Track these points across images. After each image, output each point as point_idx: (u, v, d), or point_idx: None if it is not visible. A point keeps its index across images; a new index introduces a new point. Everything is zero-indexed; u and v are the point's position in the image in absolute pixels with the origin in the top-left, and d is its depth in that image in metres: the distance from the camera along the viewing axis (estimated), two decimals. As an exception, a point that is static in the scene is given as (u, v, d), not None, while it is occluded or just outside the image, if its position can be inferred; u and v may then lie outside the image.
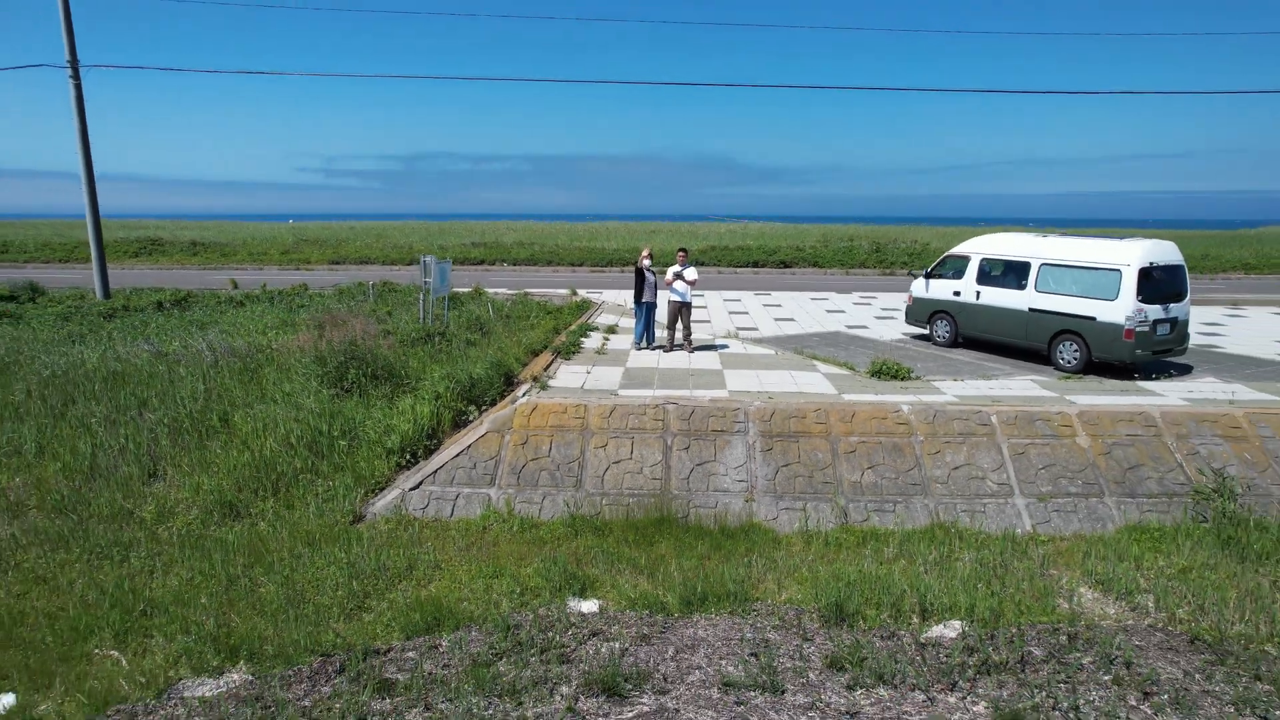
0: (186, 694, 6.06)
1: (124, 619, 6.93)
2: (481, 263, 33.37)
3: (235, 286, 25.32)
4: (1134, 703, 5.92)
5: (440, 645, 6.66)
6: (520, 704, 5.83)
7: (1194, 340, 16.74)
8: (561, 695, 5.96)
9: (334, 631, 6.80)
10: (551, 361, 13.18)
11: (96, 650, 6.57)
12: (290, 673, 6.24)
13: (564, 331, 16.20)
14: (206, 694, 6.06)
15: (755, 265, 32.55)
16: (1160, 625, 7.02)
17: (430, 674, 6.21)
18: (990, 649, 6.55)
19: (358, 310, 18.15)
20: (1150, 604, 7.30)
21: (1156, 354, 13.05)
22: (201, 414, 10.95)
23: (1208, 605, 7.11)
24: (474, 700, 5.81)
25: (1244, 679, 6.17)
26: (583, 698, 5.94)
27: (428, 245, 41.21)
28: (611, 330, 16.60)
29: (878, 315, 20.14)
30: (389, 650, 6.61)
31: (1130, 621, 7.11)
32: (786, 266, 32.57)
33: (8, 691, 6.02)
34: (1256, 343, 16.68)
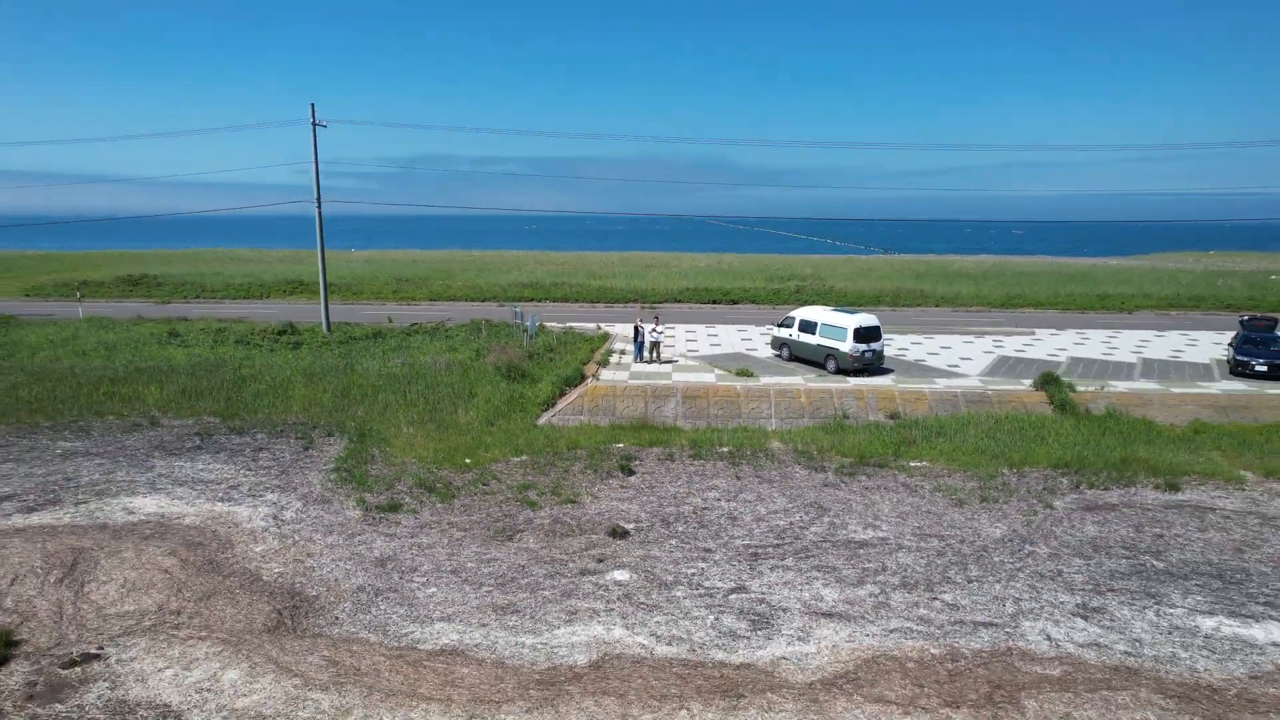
0: (509, 460, 22.44)
1: (482, 446, 23.27)
2: (532, 300, 49.67)
3: (391, 322, 41.61)
4: (773, 467, 22.32)
5: (577, 450, 23.04)
6: (602, 462, 22.22)
7: (914, 356, 33.11)
8: (613, 461, 22.33)
9: (548, 448, 23.18)
10: (597, 369, 29.55)
11: (479, 453, 22.91)
12: (543, 454, 22.61)
13: (598, 353, 32.57)
14: (515, 460, 22.42)
15: (714, 302, 48.88)
16: (791, 449, 23.38)
17: (575, 454, 22.58)
18: (736, 454, 22.91)
19: (480, 338, 34.50)
20: (793, 446, 23.64)
21: (866, 366, 29.31)
22: (460, 391, 27.34)
23: (810, 445, 23.44)
24: (588, 460, 22.20)
25: (801, 458, 22.54)
26: (618, 460, 22.31)
27: (487, 281, 57.63)
28: (622, 353, 32.95)
29: (768, 342, 36.33)
30: (565, 451, 22.97)
31: (784, 450, 23.44)
32: (735, 303, 48.89)
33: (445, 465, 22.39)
34: (948, 360, 32.85)
